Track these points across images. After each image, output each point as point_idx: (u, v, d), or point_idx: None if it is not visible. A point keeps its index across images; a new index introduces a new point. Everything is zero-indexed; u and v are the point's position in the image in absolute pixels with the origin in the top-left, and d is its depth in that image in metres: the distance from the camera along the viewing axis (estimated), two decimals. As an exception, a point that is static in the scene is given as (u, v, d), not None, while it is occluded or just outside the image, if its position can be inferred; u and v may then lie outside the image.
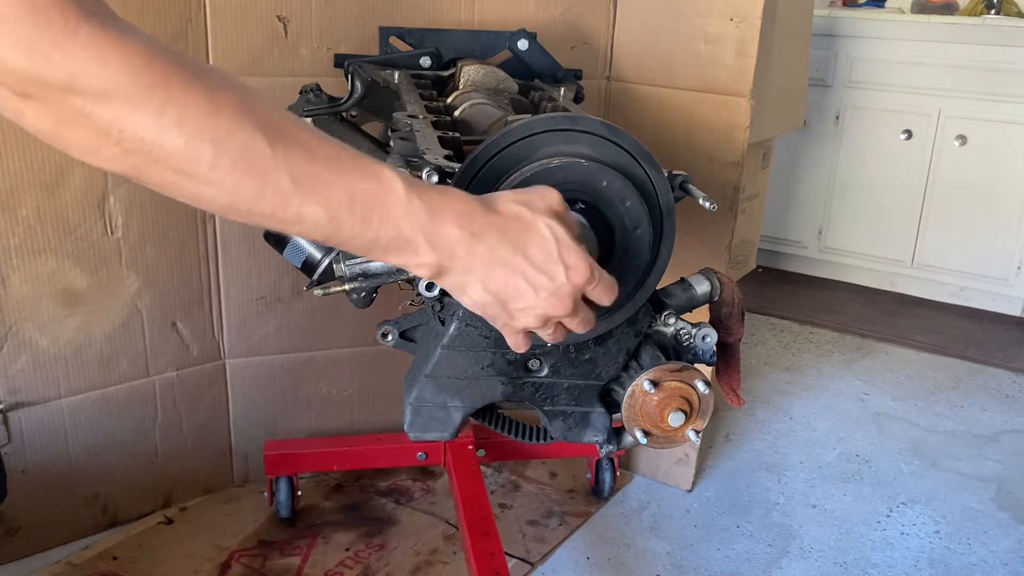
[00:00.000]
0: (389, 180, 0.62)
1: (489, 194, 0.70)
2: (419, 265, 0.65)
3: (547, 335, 0.74)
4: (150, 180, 0.55)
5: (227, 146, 0.54)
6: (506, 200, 0.69)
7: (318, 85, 1.31)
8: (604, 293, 0.72)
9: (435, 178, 0.82)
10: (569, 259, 0.68)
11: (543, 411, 0.98)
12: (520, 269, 0.67)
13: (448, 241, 0.64)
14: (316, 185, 0.58)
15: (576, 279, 0.69)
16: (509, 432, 1.05)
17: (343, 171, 0.60)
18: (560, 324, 0.73)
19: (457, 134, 1.01)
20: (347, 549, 1.66)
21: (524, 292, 0.68)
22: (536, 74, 1.45)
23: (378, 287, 1.09)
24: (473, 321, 0.91)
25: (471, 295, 0.69)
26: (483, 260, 0.66)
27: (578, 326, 0.73)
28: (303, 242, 1.15)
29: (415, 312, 1.05)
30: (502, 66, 1.37)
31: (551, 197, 0.71)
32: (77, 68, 0.49)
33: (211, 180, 0.54)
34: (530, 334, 0.74)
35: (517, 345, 0.75)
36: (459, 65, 1.34)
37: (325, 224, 0.60)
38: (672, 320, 0.96)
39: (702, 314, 1.02)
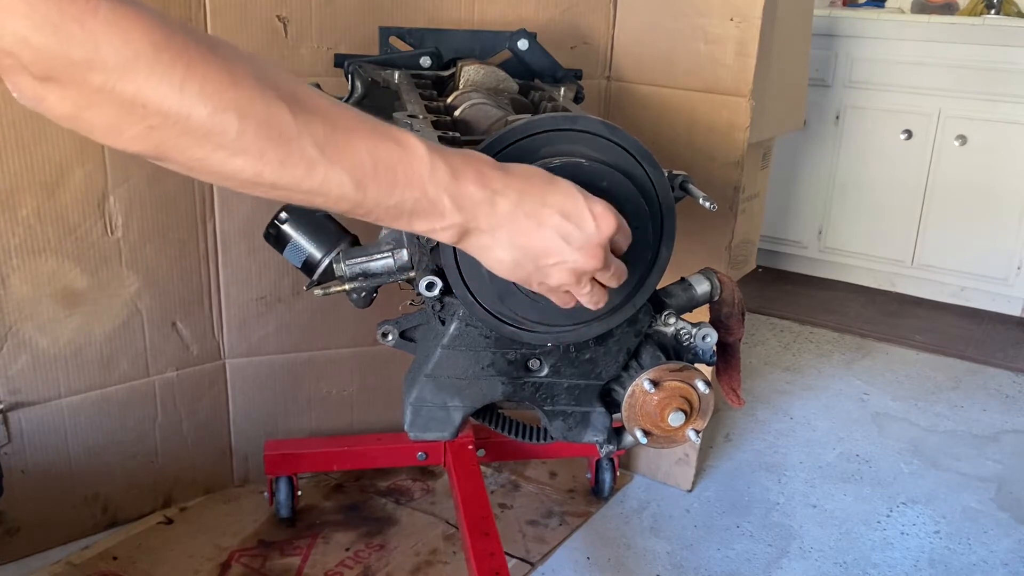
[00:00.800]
0: (411, 143, 0.62)
1: (505, 163, 0.70)
2: (444, 228, 0.65)
3: (585, 296, 0.74)
4: (176, 157, 0.55)
5: (250, 115, 0.54)
6: (524, 166, 0.70)
7: (318, 85, 1.30)
8: (624, 240, 0.73)
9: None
10: (596, 207, 0.69)
11: (543, 411, 0.98)
12: (547, 220, 0.67)
13: (472, 201, 0.65)
14: (340, 151, 0.58)
15: (605, 228, 0.69)
16: (509, 432, 1.05)
17: (365, 136, 0.60)
18: (595, 282, 0.73)
19: (457, 134, 1.01)
20: (347, 549, 1.66)
21: (553, 244, 0.68)
22: (536, 74, 1.45)
23: (378, 287, 1.09)
24: (473, 321, 0.91)
25: (499, 254, 0.68)
26: (508, 216, 0.66)
27: (611, 279, 0.74)
28: (303, 242, 1.15)
29: (415, 312, 1.05)
30: (502, 66, 1.37)
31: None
32: (99, 43, 0.49)
33: (237, 150, 0.55)
34: (570, 294, 0.74)
35: (564, 302, 0.75)
36: (459, 65, 1.34)
37: (352, 191, 0.60)
38: (672, 320, 0.96)
39: (702, 314, 1.02)
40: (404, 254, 1.06)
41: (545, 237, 0.68)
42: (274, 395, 1.80)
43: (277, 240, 1.17)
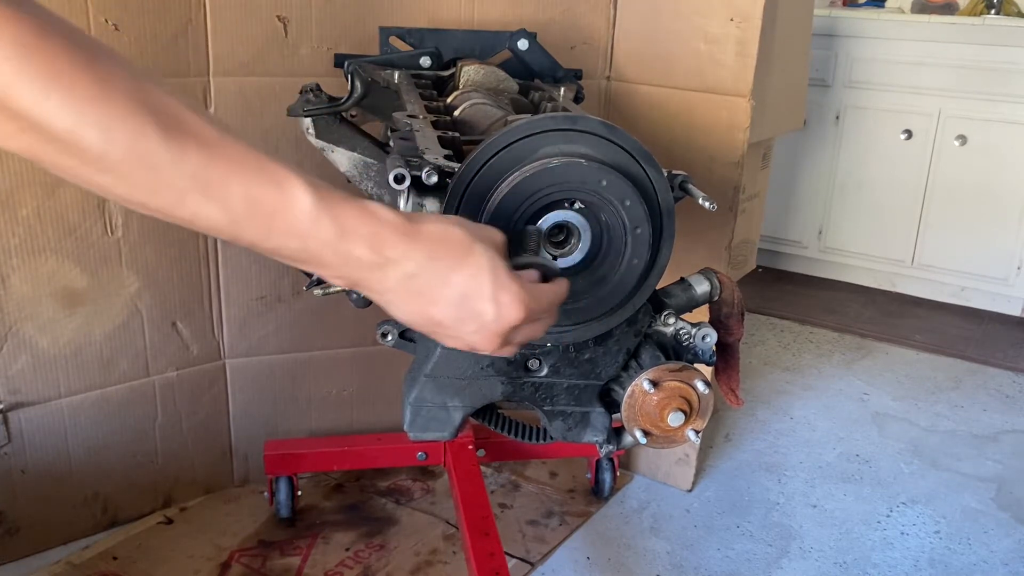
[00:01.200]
0: (294, 191, 0.57)
1: (426, 215, 0.66)
2: (332, 278, 0.62)
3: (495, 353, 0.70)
4: (47, 162, 0.52)
5: (116, 134, 0.51)
6: (444, 222, 0.64)
7: (318, 85, 1.31)
8: (534, 332, 0.68)
9: (435, 178, 0.82)
10: (503, 296, 0.63)
11: (543, 411, 0.98)
12: (441, 300, 0.63)
13: (360, 263, 0.60)
14: (213, 187, 0.54)
15: (506, 319, 0.64)
16: (509, 432, 1.05)
17: (246, 176, 0.56)
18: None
19: (457, 134, 1.01)
20: (347, 549, 1.66)
21: (444, 324, 0.64)
22: (536, 74, 1.45)
23: (378, 287, 1.09)
24: (473, 321, 0.91)
25: (394, 313, 0.65)
26: (395, 287, 0.62)
27: (509, 352, 0.70)
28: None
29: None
30: (502, 66, 1.37)
31: (498, 236, 0.67)
32: None
33: (102, 168, 0.52)
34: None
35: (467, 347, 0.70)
36: (459, 65, 1.34)
37: (226, 227, 0.56)
38: (672, 320, 0.96)
39: (702, 314, 1.02)
40: (404, 254, 1.06)
41: (439, 312, 0.63)
42: (274, 395, 1.80)
43: (277, 240, 1.17)
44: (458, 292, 0.63)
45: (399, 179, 0.83)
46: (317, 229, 0.58)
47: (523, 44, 1.44)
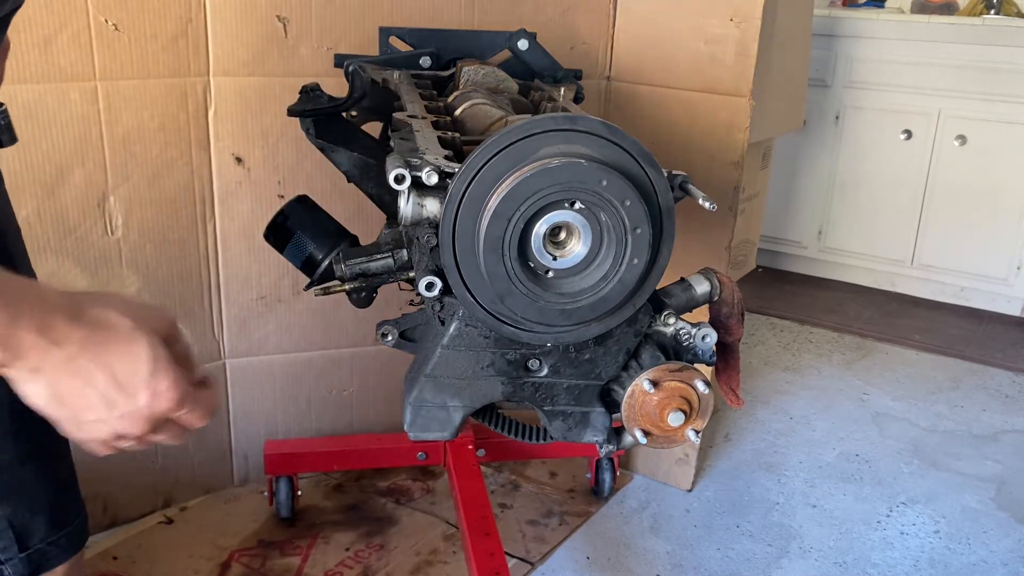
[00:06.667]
0: None
1: (93, 298, 0.65)
2: None
3: (127, 446, 0.70)
4: None
5: None
6: (107, 307, 0.64)
7: (318, 85, 1.31)
8: (194, 420, 0.69)
9: (435, 178, 0.82)
10: (159, 384, 0.64)
11: (543, 411, 0.98)
12: (95, 382, 0.63)
13: (24, 346, 0.59)
14: None
15: (159, 406, 0.65)
16: (509, 432, 1.05)
17: None
18: (143, 437, 0.70)
19: (457, 134, 1.01)
20: (347, 549, 1.66)
21: (95, 405, 0.64)
22: (536, 74, 1.45)
23: (378, 287, 1.09)
24: (473, 321, 0.91)
25: (30, 390, 0.63)
26: (56, 365, 0.61)
27: (161, 440, 0.71)
28: (303, 242, 1.15)
29: (415, 312, 1.05)
30: (502, 66, 1.37)
31: (165, 320, 0.68)
32: None
33: None
34: (107, 445, 0.70)
35: (94, 450, 0.71)
36: (459, 65, 1.34)
37: None
38: (672, 320, 0.96)
39: (702, 314, 1.02)
40: (404, 254, 1.06)
41: (87, 397, 0.63)
42: (274, 395, 1.80)
43: (277, 240, 1.17)
44: (112, 375, 0.63)
45: (399, 179, 0.83)
46: None
47: (523, 44, 1.44)
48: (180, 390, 0.65)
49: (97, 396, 0.63)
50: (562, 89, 1.32)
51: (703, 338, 0.97)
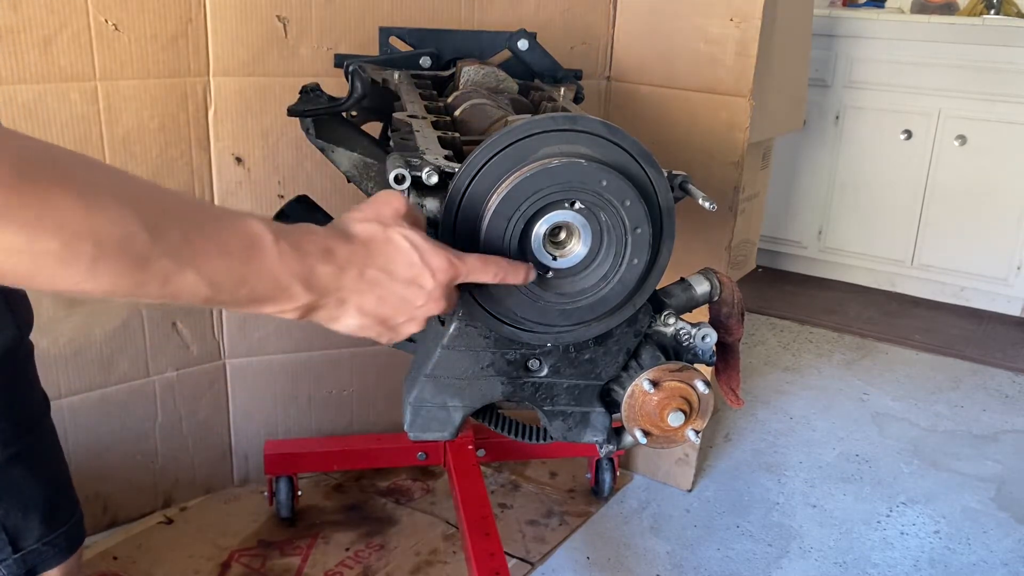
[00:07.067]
0: (258, 231, 0.61)
1: (341, 219, 0.70)
2: (292, 309, 0.65)
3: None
4: (18, 279, 0.51)
5: (108, 239, 0.52)
6: (357, 222, 0.70)
7: (318, 85, 1.31)
8: (479, 275, 0.75)
9: (435, 178, 0.82)
10: (432, 262, 0.70)
11: (543, 411, 0.98)
12: (391, 288, 0.69)
13: (321, 280, 0.65)
14: (196, 259, 0.57)
15: (442, 278, 0.71)
16: (509, 432, 1.05)
17: (214, 233, 0.59)
18: (449, 305, 0.75)
19: (457, 134, 1.01)
20: (347, 549, 1.66)
21: (402, 306, 0.70)
22: (536, 74, 1.45)
23: (378, 287, 1.08)
24: (473, 321, 0.91)
25: (348, 321, 0.69)
26: (354, 288, 0.67)
27: (449, 308, 0.76)
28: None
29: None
30: (502, 66, 1.37)
31: (396, 202, 0.72)
32: None
33: (91, 276, 0.52)
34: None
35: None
36: (459, 65, 1.34)
37: (205, 291, 0.58)
38: (672, 320, 0.96)
39: (702, 314, 1.02)
40: (404, 254, 1.06)
41: (393, 304, 0.70)
42: (274, 395, 1.80)
43: (277, 240, 1.17)
44: (400, 275, 0.69)
45: (399, 179, 0.83)
46: (283, 261, 0.62)
47: (523, 44, 1.44)
48: (447, 258, 0.71)
49: (397, 299, 0.70)
50: (562, 89, 1.32)
51: (703, 338, 0.97)
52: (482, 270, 0.76)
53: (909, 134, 2.96)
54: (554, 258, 0.84)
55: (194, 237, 0.57)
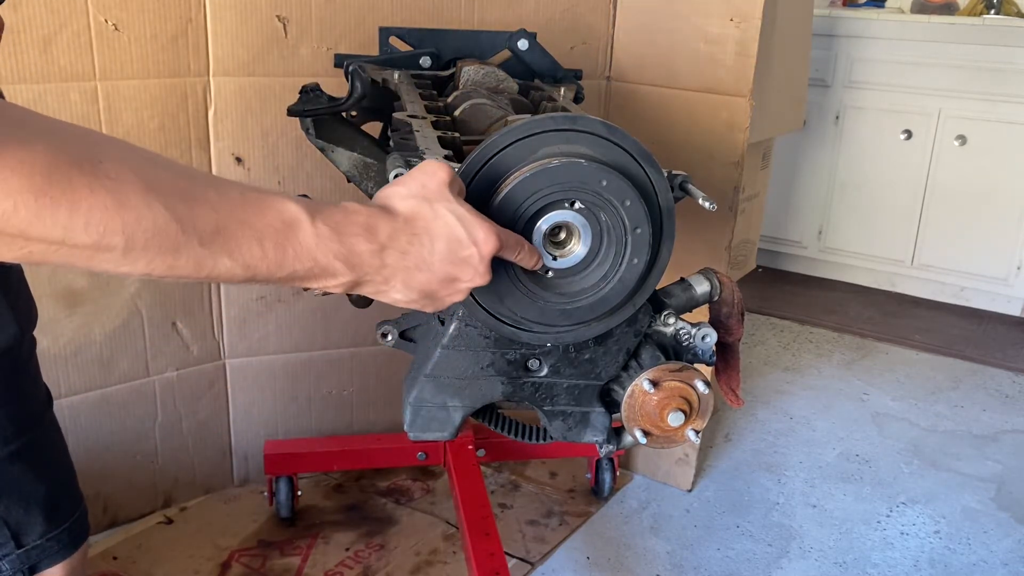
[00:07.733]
0: (293, 214, 0.61)
1: (385, 193, 0.70)
2: (336, 285, 0.66)
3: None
4: (58, 264, 0.54)
5: (137, 232, 0.53)
6: (401, 197, 0.69)
7: (318, 85, 1.31)
8: (514, 250, 0.75)
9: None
10: (476, 235, 0.70)
11: (543, 411, 0.98)
12: (437, 264, 0.69)
13: (363, 259, 0.65)
14: (229, 244, 0.58)
15: (486, 250, 0.71)
16: (509, 432, 1.05)
17: (248, 218, 0.59)
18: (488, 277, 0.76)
19: (457, 134, 1.01)
20: (347, 549, 1.66)
21: (445, 280, 0.70)
22: (536, 74, 1.45)
23: (378, 287, 1.08)
24: (473, 321, 0.91)
25: (394, 296, 0.70)
26: (398, 266, 0.67)
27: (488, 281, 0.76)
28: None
29: (415, 312, 1.05)
30: (502, 66, 1.37)
31: (441, 173, 0.71)
32: None
33: (126, 262, 0.54)
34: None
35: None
36: (459, 65, 1.34)
37: (241, 273, 0.59)
38: (672, 320, 0.96)
39: (702, 314, 1.02)
40: (404, 254, 1.06)
41: (439, 279, 0.70)
42: (274, 395, 1.80)
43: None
44: (445, 254, 0.69)
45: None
46: (321, 241, 0.62)
47: (523, 44, 1.44)
48: (492, 229, 0.71)
49: (442, 273, 0.70)
50: (562, 89, 1.32)
51: (703, 338, 0.97)
52: (516, 245, 0.76)
53: (909, 134, 2.96)
54: (554, 258, 0.84)
55: (230, 226, 0.58)
